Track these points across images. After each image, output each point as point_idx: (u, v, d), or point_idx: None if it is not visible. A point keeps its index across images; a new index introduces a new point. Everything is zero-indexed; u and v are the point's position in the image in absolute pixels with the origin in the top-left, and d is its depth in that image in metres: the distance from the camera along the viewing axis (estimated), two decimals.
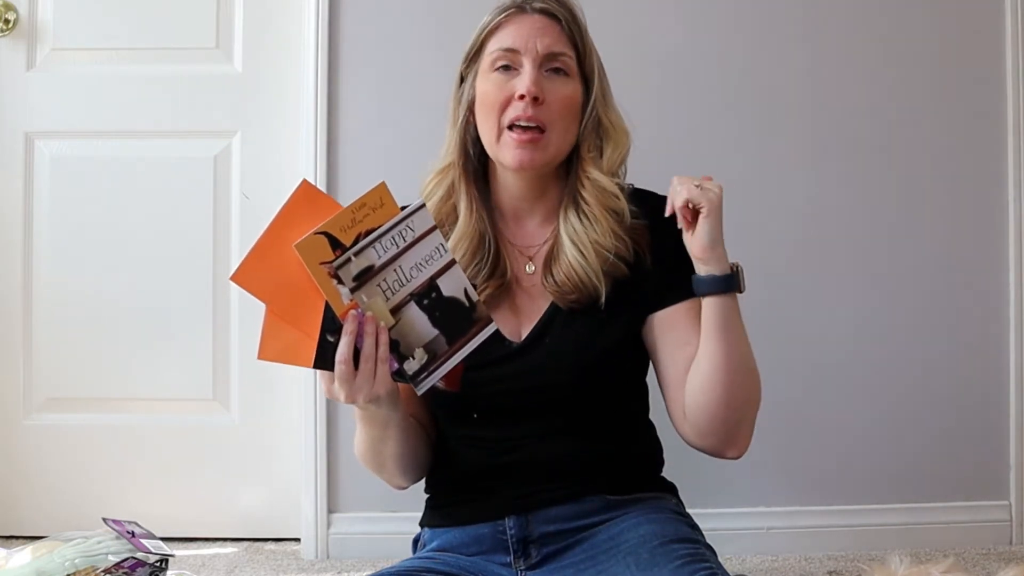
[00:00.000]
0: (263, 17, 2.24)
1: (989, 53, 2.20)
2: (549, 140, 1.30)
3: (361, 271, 1.12)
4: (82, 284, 2.25)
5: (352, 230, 1.11)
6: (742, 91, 2.19)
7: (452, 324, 1.17)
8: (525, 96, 1.28)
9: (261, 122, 2.25)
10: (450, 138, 1.37)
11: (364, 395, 1.14)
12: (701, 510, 1.43)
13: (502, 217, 1.38)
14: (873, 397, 2.19)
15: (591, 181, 1.33)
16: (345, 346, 1.12)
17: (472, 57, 1.35)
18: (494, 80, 1.31)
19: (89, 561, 1.53)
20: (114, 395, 2.26)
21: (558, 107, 1.30)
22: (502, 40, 1.31)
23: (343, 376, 1.13)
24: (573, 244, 1.31)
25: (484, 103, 1.32)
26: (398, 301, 1.15)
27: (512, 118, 1.29)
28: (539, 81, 1.29)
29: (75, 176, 2.25)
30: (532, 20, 1.32)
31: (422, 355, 1.16)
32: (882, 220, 2.20)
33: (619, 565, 1.23)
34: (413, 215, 1.14)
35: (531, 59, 1.30)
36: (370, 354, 1.12)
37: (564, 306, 1.31)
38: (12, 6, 2.23)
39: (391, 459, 1.32)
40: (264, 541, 2.24)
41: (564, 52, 1.32)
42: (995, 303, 2.20)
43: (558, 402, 1.30)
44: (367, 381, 1.13)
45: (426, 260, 1.15)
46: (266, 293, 1.12)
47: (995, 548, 2.14)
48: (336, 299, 1.11)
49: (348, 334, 1.11)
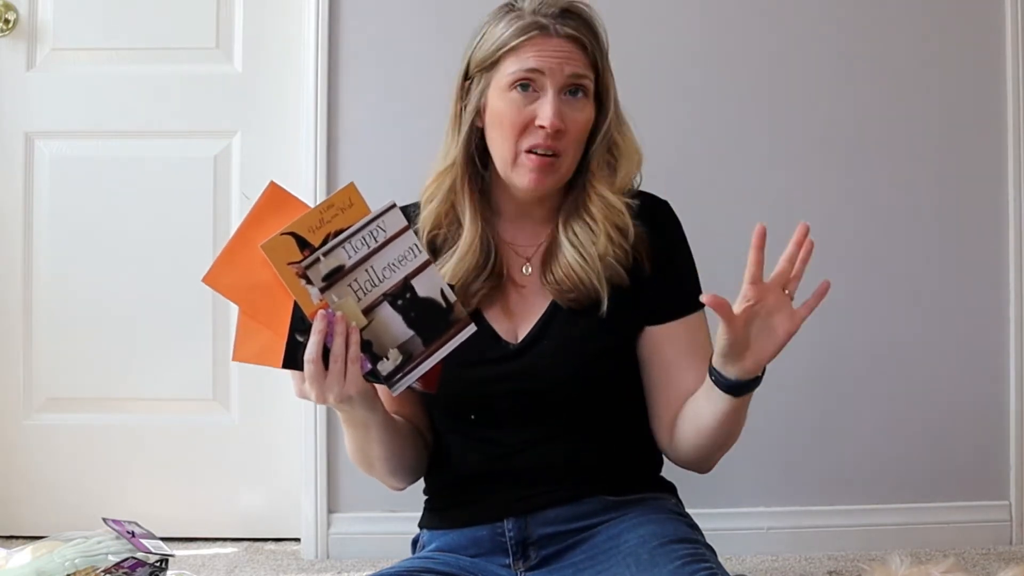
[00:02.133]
0: (263, 17, 2.24)
1: (989, 53, 2.20)
2: (563, 163, 1.29)
3: (331, 271, 1.12)
4: (82, 284, 2.25)
5: (320, 230, 1.11)
6: (742, 91, 2.19)
7: (428, 325, 1.16)
8: (548, 128, 1.25)
9: (261, 122, 2.25)
10: (451, 140, 1.34)
11: (335, 395, 1.13)
12: (701, 510, 1.43)
13: (500, 218, 1.37)
14: (873, 397, 2.19)
15: (600, 197, 1.31)
16: (314, 345, 1.11)
17: (486, 66, 1.30)
18: (513, 101, 1.27)
19: (89, 561, 1.52)
20: (114, 395, 2.26)
21: (575, 134, 1.29)
22: (524, 61, 1.26)
23: (312, 376, 1.12)
24: (573, 248, 1.30)
25: (501, 123, 1.28)
26: (371, 301, 1.14)
27: (531, 145, 1.27)
28: (560, 112, 1.26)
29: (75, 176, 2.25)
30: (558, 44, 1.27)
31: (396, 356, 1.16)
32: (882, 220, 2.20)
33: (619, 566, 1.23)
34: (383, 215, 1.14)
35: (554, 85, 1.26)
36: (339, 353, 1.12)
37: (564, 304, 1.31)
38: (12, 6, 2.23)
39: (378, 460, 1.31)
40: (264, 541, 2.24)
41: (586, 75, 1.29)
42: (995, 303, 2.20)
43: (556, 404, 1.30)
44: (337, 381, 1.13)
45: (399, 260, 1.15)
46: (237, 295, 1.13)
47: (995, 548, 2.14)
48: (305, 299, 1.11)
49: (317, 333, 1.11)
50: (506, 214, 1.37)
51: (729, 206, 2.13)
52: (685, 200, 1.42)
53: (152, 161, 2.25)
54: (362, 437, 1.27)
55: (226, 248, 1.13)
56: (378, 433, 1.26)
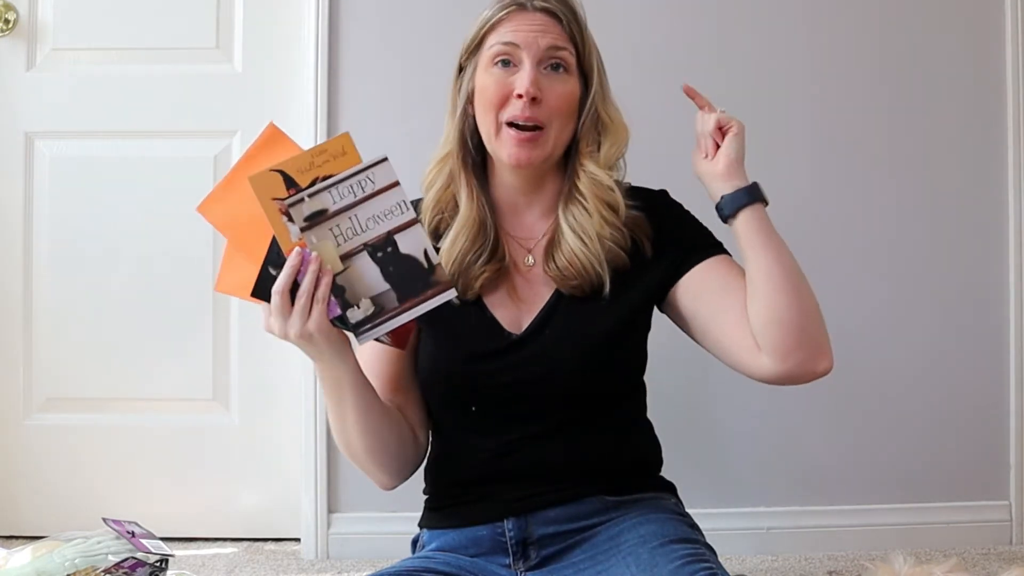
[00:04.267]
0: (263, 17, 2.24)
1: (989, 53, 2.20)
2: (547, 137, 1.31)
3: (313, 212, 1.14)
4: (82, 284, 2.25)
5: (309, 173, 1.15)
6: (741, 90, 2.18)
7: (406, 282, 1.17)
8: (523, 96, 1.28)
9: (261, 122, 2.17)
10: (449, 128, 1.38)
11: (295, 331, 1.15)
12: (701, 510, 1.43)
13: (500, 210, 1.38)
14: (873, 397, 2.19)
15: (587, 174, 1.33)
16: (284, 278, 1.14)
17: (472, 49, 1.35)
18: (493, 75, 1.31)
19: (89, 561, 1.52)
20: (114, 395, 2.26)
21: (556, 104, 1.31)
22: (502, 35, 1.32)
23: (277, 308, 1.15)
24: (574, 233, 1.31)
25: (483, 98, 1.32)
26: (349, 249, 1.16)
27: (510, 116, 1.30)
28: (537, 80, 1.29)
29: (75, 176, 2.25)
30: (533, 17, 1.32)
31: (368, 306, 1.17)
32: (882, 220, 2.20)
33: (619, 565, 1.23)
34: (375, 167, 1.16)
35: (531, 56, 1.30)
36: (307, 290, 1.14)
37: (567, 291, 1.31)
38: (12, 6, 2.23)
39: (356, 437, 1.27)
40: (264, 541, 2.24)
41: (564, 48, 1.32)
42: (995, 303, 2.20)
43: (558, 395, 1.30)
44: (300, 316, 1.15)
45: (385, 214, 1.16)
46: (226, 225, 1.18)
47: (995, 548, 2.14)
48: (284, 235, 1.14)
49: (289, 267, 1.14)
50: (506, 207, 1.38)
51: None
52: (682, 199, 1.42)
53: (152, 161, 2.25)
54: (336, 397, 1.25)
55: (222, 181, 1.20)
56: (352, 396, 1.24)
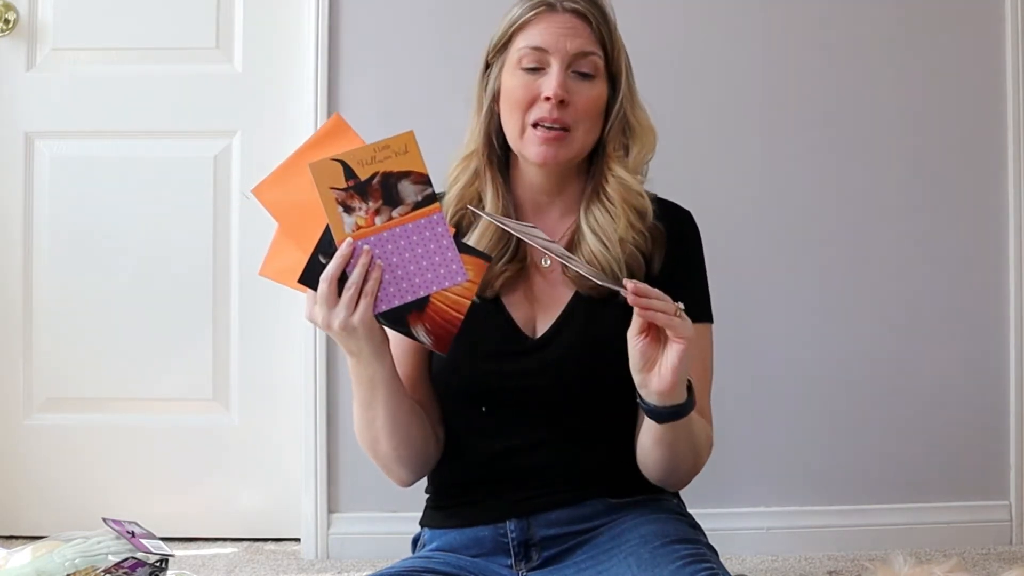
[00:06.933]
0: (263, 17, 2.24)
1: (989, 54, 2.20)
2: (574, 138, 1.30)
3: None
4: (82, 284, 2.25)
5: (369, 167, 1.14)
6: (743, 93, 2.19)
7: None
8: (551, 98, 1.27)
9: (261, 122, 2.25)
10: (474, 125, 1.37)
11: (340, 322, 1.14)
12: (701, 510, 1.43)
13: (522, 210, 1.37)
14: (873, 397, 2.19)
15: (616, 178, 1.32)
16: (333, 267, 1.14)
17: (499, 48, 1.34)
18: (521, 78, 1.30)
19: (89, 561, 1.52)
20: (114, 395, 2.26)
21: (583, 107, 1.30)
22: (530, 38, 1.30)
23: (324, 297, 1.14)
24: (595, 235, 1.30)
25: (509, 99, 1.31)
26: None
27: (537, 117, 1.29)
28: (565, 84, 1.28)
29: (75, 176, 2.25)
30: (562, 19, 1.30)
31: None
32: (883, 220, 2.20)
33: (620, 565, 1.23)
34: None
35: (559, 60, 1.29)
36: (356, 282, 1.14)
37: (584, 292, 1.30)
38: (12, 6, 2.23)
39: (383, 432, 1.27)
40: (264, 541, 2.24)
41: (593, 52, 1.31)
42: (995, 303, 2.20)
43: (569, 402, 1.29)
44: (346, 308, 1.14)
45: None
46: (279, 210, 1.17)
47: (995, 548, 2.14)
48: (338, 225, 1.14)
49: (340, 257, 1.14)
50: (528, 206, 1.38)
51: (730, 206, 2.13)
52: (682, 200, 1.42)
53: (152, 161, 2.25)
54: (367, 396, 1.25)
55: (280, 166, 1.18)
56: (384, 395, 1.24)
